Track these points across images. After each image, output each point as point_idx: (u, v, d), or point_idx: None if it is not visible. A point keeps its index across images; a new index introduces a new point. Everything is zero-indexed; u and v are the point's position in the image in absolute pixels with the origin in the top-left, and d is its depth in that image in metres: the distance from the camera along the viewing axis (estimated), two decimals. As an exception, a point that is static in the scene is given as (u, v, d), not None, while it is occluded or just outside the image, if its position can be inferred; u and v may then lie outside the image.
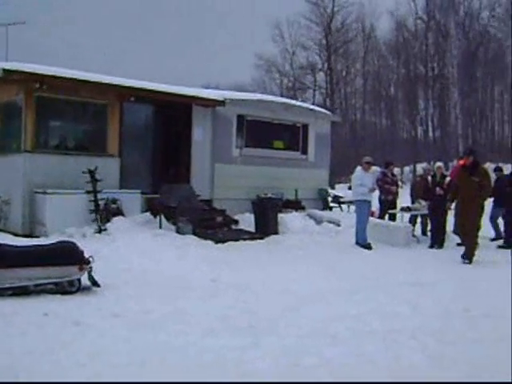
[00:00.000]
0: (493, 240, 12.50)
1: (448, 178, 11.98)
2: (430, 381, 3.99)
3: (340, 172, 39.14)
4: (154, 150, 13.30)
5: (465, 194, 10.03)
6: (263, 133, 14.59)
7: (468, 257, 9.75)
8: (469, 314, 5.96)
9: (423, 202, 12.38)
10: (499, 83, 49.06)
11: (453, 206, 10.87)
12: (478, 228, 10.09)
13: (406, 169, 45.50)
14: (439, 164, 12.90)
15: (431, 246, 11.61)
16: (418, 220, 13.22)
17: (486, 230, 12.69)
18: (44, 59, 45.43)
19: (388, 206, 13.10)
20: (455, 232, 11.79)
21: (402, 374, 4.09)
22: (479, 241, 10.23)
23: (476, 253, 9.82)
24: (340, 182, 38.98)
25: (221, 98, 13.25)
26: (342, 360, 4.37)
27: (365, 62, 53.72)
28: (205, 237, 10.75)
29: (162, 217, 11.16)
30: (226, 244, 10.66)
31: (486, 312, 5.97)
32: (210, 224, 11.92)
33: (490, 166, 35.01)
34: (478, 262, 9.73)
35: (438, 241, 11.65)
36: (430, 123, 48.67)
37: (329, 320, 5.54)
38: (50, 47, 61.53)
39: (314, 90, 54.46)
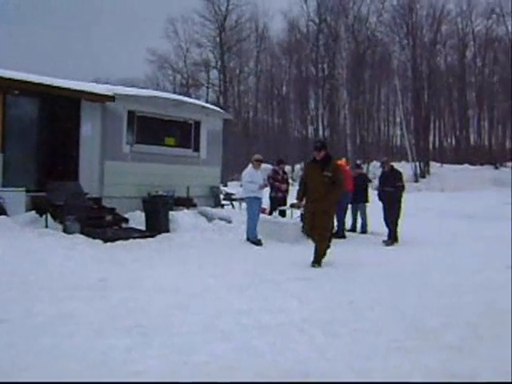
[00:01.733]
0: (349, 230, 13.36)
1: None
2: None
3: (233, 169, 39.53)
4: (41, 146, 12.74)
5: (316, 190, 8.98)
6: (155, 129, 14.39)
7: (317, 260, 8.91)
8: (353, 306, 6.18)
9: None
10: (385, 85, 51.62)
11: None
12: (332, 227, 9.57)
13: (297, 166, 46.63)
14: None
15: (319, 241, 11.99)
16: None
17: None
18: None
19: (278, 203, 13.39)
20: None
21: (289, 367, 4.20)
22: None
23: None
24: (233, 180, 39.36)
25: (110, 93, 12.94)
26: (232, 355, 4.43)
27: (258, 61, 54.53)
28: (93, 236, 10.47)
29: (49, 216, 10.76)
30: (115, 243, 10.43)
31: (370, 304, 6.23)
32: (99, 223, 11.61)
33: (375, 165, 36.68)
34: (357, 254, 10.13)
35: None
36: (320, 123, 50.17)
37: (219, 316, 5.58)
38: None
39: (208, 88, 54.63)
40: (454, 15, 47.91)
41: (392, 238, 12.09)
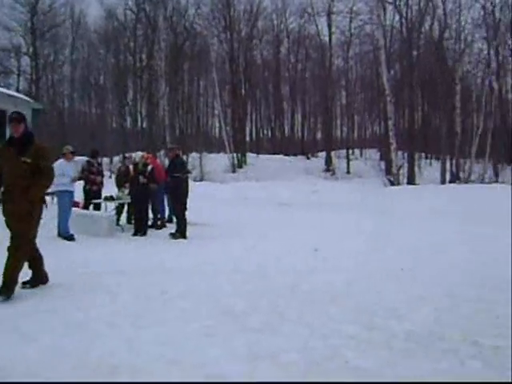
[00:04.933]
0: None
1: (150, 167, 12.34)
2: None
3: (48, 162, 37.65)
4: None
5: (11, 183, 6.21)
6: (-46, 119, 13.29)
7: (35, 283, 6.69)
8: (166, 296, 6.25)
9: (126, 191, 12.62)
10: (204, 78, 52.44)
11: None
12: (34, 235, 6.46)
13: (116, 158, 45.67)
14: (142, 153, 13.29)
15: (135, 234, 11.88)
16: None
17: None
18: None
19: (93, 196, 12.98)
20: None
21: (97, 362, 4.15)
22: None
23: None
24: (47, 173, 37.45)
25: None
26: (36, 356, 4.27)
27: (73, 48, 52.44)
28: None
29: None
30: None
31: (182, 293, 6.34)
32: None
33: (194, 156, 37.07)
34: (171, 245, 10.21)
35: (140, 228, 11.96)
36: (138, 113, 49.59)
37: (23, 316, 5.33)
38: None
39: (19, 75, 51.35)
40: (269, 11, 50.11)
41: (180, 232, 11.70)
